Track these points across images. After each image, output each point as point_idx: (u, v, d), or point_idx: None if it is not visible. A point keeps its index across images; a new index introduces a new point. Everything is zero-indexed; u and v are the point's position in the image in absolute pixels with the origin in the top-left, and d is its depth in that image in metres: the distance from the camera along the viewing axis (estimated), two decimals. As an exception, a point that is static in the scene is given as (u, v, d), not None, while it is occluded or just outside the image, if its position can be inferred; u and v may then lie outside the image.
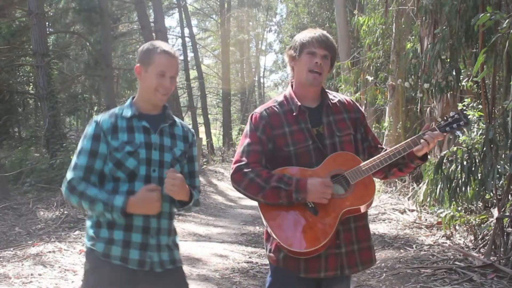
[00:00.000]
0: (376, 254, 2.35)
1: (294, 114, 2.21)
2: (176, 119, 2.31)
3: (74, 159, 2.16)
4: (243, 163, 2.17)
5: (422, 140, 2.17)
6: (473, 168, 4.58)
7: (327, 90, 2.32)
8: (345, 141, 2.23)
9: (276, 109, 2.24)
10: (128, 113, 2.18)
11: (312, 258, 2.13)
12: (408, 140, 2.21)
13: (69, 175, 2.13)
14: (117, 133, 2.13)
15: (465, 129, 2.35)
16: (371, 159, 2.17)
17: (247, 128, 2.26)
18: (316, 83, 2.21)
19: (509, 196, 4.91)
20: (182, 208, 2.23)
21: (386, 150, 2.23)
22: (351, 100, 2.38)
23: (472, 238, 5.59)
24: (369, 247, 2.26)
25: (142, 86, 2.19)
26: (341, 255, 2.16)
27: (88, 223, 2.21)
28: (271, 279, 2.27)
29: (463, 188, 4.78)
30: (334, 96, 2.33)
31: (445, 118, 2.27)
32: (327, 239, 2.08)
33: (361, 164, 2.15)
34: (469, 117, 5.46)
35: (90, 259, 2.19)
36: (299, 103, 2.22)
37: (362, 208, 2.15)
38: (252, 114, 2.28)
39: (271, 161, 2.21)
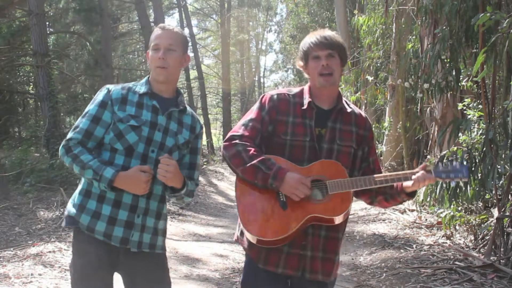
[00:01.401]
0: (376, 254, 2.35)
1: (303, 108, 2.21)
2: (188, 107, 2.30)
3: (78, 120, 2.17)
4: (238, 133, 2.20)
5: (413, 177, 2.13)
6: (473, 168, 4.58)
7: (345, 100, 2.31)
8: (343, 151, 2.21)
9: (287, 97, 2.26)
10: (141, 89, 2.19)
11: (272, 251, 2.14)
12: (400, 172, 2.18)
13: (69, 135, 2.14)
14: (125, 105, 2.14)
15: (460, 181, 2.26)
16: (356, 178, 2.16)
17: (254, 105, 2.29)
18: (329, 84, 2.20)
19: (509, 196, 4.91)
20: (173, 195, 2.21)
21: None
22: (366, 117, 2.35)
23: (472, 238, 5.59)
24: (332, 261, 2.23)
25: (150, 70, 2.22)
26: (305, 257, 2.16)
27: (77, 190, 2.19)
28: (245, 272, 2.30)
29: (463, 188, 4.78)
30: (350, 107, 2.30)
31: (446, 164, 2.19)
32: (284, 235, 2.08)
33: (345, 178, 2.13)
34: (468, 117, 5.51)
35: (77, 238, 2.16)
36: (310, 99, 2.22)
37: (336, 220, 2.12)
38: (264, 95, 2.30)
39: (266, 143, 2.23)
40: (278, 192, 2.12)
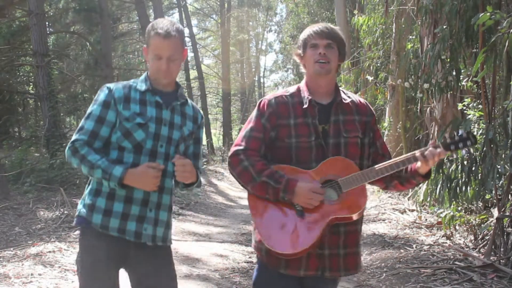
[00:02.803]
0: (376, 254, 2.35)
1: (304, 107, 2.18)
2: (188, 99, 2.32)
3: (81, 122, 2.17)
4: (241, 147, 2.17)
5: (422, 156, 2.10)
6: (473, 168, 4.58)
7: (342, 89, 2.28)
8: (351, 143, 2.18)
9: (286, 99, 2.22)
10: (142, 86, 2.20)
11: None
12: (409, 154, 2.15)
13: (74, 136, 2.14)
14: (129, 104, 2.15)
15: (470, 148, 2.23)
16: (367, 169, 2.13)
17: (253, 113, 2.26)
18: (324, 71, 2.16)
19: (509, 196, 4.91)
20: (186, 188, 2.25)
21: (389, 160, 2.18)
22: (366, 102, 2.33)
23: (472, 238, 5.59)
24: (356, 253, 2.22)
25: (149, 67, 2.22)
26: (323, 256, 2.14)
27: (87, 190, 2.20)
28: (256, 273, 2.28)
29: (463, 188, 4.78)
30: (348, 96, 2.27)
31: (452, 135, 2.18)
32: (310, 245, 2.05)
33: (356, 173, 2.10)
34: (468, 117, 5.51)
35: (85, 235, 2.17)
36: (310, 97, 2.18)
37: (354, 217, 2.11)
38: (261, 101, 2.26)
39: (271, 150, 2.20)
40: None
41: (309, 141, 2.15)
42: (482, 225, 5.36)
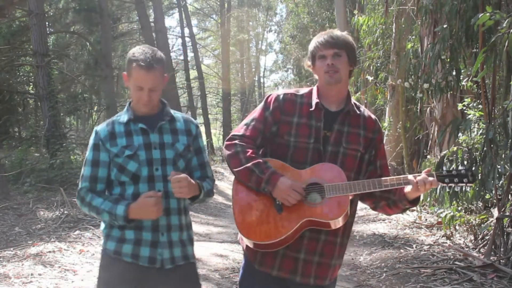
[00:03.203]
0: (376, 254, 2.34)
1: (311, 109, 2.19)
2: (177, 114, 2.32)
3: (82, 169, 2.25)
4: (239, 133, 2.22)
5: (414, 182, 2.07)
6: (473, 168, 4.58)
7: (355, 102, 2.27)
8: (349, 154, 2.17)
9: (294, 97, 2.24)
10: (124, 118, 2.22)
11: (268, 252, 2.14)
12: (401, 176, 2.13)
13: (79, 185, 2.24)
14: (116, 139, 2.18)
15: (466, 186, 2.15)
16: (355, 181, 2.12)
17: (259, 105, 2.28)
18: (334, 80, 2.16)
19: (509, 196, 4.91)
20: (194, 202, 2.27)
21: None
22: (375, 119, 2.29)
23: (472, 238, 5.59)
24: (329, 265, 2.19)
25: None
26: (298, 260, 2.15)
27: (102, 224, 2.29)
28: (242, 272, 2.30)
29: (463, 188, 4.77)
30: (360, 110, 2.26)
31: (451, 169, 2.14)
32: (277, 239, 2.07)
33: (343, 182, 2.09)
34: (468, 117, 5.51)
35: (103, 256, 2.27)
36: (317, 100, 2.19)
37: (332, 224, 2.09)
38: (270, 95, 2.28)
39: (270, 145, 2.22)
40: None
41: (308, 143, 2.15)
42: (482, 225, 5.36)
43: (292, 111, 2.20)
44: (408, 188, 2.12)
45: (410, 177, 2.10)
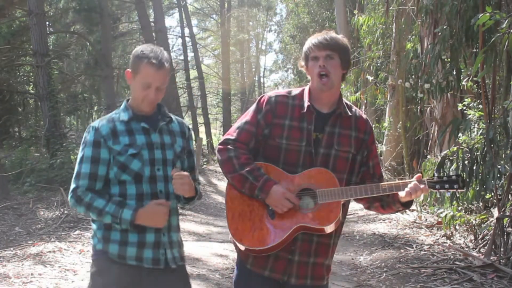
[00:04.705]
0: (376, 254, 2.35)
1: (302, 111, 2.18)
2: (172, 115, 2.32)
3: (76, 167, 2.16)
4: (232, 138, 2.22)
5: (406, 188, 2.11)
6: (473, 168, 4.58)
7: (346, 102, 2.26)
8: (340, 157, 2.18)
9: (286, 99, 2.23)
10: (125, 116, 2.19)
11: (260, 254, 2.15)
12: (393, 182, 2.17)
13: (73, 184, 2.14)
14: (118, 137, 2.15)
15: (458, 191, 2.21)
16: (347, 187, 2.14)
17: (251, 107, 2.28)
18: (326, 88, 2.15)
19: (509, 196, 4.91)
20: (188, 203, 2.27)
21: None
22: (366, 119, 2.30)
23: (472, 238, 5.59)
24: (324, 265, 2.22)
25: (131, 92, 2.21)
26: (292, 262, 2.15)
27: (94, 225, 2.20)
28: (237, 272, 2.30)
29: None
30: (351, 110, 2.25)
31: (441, 175, 2.20)
32: (270, 245, 2.09)
33: (336, 188, 2.10)
34: (468, 117, 5.51)
35: (98, 261, 2.17)
36: (309, 103, 2.18)
37: (326, 229, 2.11)
38: (262, 96, 2.28)
39: (263, 146, 2.22)
40: None
41: (299, 145, 2.16)
42: (482, 225, 5.36)
43: (284, 113, 2.20)
44: (401, 193, 2.14)
45: (401, 183, 2.14)
